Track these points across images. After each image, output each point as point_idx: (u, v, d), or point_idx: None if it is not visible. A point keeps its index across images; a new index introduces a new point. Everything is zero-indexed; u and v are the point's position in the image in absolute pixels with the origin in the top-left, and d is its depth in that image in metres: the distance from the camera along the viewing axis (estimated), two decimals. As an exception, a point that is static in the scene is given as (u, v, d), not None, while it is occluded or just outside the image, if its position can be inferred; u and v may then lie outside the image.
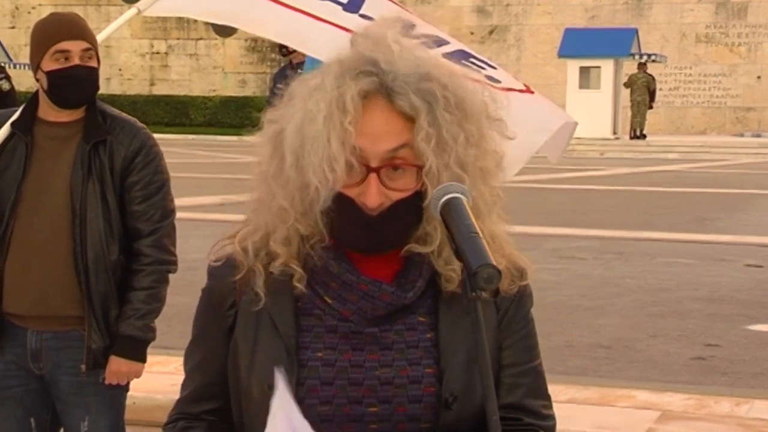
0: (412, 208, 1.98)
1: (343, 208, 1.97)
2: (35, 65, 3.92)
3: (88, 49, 3.89)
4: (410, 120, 1.96)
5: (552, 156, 3.93)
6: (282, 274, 2.03)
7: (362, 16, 3.80)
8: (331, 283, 2.03)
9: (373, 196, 1.95)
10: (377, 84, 1.97)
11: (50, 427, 4.09)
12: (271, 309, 2.03)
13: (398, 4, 4.05)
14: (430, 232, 2.01)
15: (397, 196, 1.97)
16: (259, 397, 2.00)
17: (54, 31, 3.89)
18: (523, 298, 2.11)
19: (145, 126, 4.05)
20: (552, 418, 2.13)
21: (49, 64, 3.87)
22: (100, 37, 4.03)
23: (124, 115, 4.04)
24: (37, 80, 3.93)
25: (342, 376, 2.00)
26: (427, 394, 2.00)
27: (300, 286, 2.02)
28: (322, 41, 3.64)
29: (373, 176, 1.95)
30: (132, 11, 4.03)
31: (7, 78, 23.30)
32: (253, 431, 2.01)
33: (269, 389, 1.95)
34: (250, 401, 2.03)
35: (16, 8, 47.33)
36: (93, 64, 3.91)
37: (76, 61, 3.87)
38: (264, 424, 1.89)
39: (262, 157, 2.04)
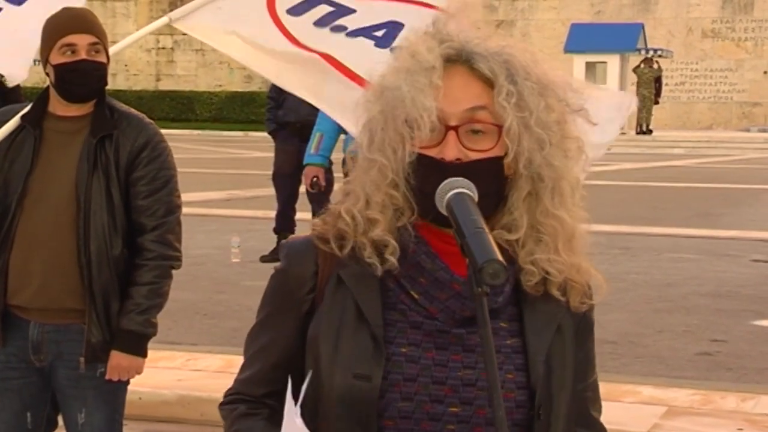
0: (490, 171, 1.98)
1: (423, 166, 1.98)
2: (44, 59, 3.94)
3: (95, 44, 3.90)
4: (489, 85, 2.00)
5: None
6: (381, 242, 2.00)
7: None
8: (419, 279, 2.01)
9: (451, 150, 1.97)
10: (457, 50, 2.01)
11: (46, 423, 4.09)
12: (358, 296, 2.01)
13: None
14: (517, 219, 2.02)
15: (475, 155, 1.98)
16: (342, 385, 1.98)
17: (62, 24, 3.90)
18: (591, 312, 2.13)
19: (153, 122, 4.05)
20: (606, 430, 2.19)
21: (56, 58, 3.89)
22: (124, 43, 4.05)
23: (133, 110, 4.05)
24: (47, 74, 3.95)
25: (425, 374, 1.99)
26: (507, 400, 1.99)
27: (392, 259, 2.00)
28: (335, 95, 3.55)
29: (451, 133, 1.98)
30: (163, 19, 4.03)
31: None
32: (329, 418, 1.99)
33: (354, 378, 1.95)
34: (331, 389, 1.99)
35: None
36: (100, 58, 3.92)
37: (83, 55, 3.88)
38: (344, 413, 1.93)
39: (371, 122, 2.04)
